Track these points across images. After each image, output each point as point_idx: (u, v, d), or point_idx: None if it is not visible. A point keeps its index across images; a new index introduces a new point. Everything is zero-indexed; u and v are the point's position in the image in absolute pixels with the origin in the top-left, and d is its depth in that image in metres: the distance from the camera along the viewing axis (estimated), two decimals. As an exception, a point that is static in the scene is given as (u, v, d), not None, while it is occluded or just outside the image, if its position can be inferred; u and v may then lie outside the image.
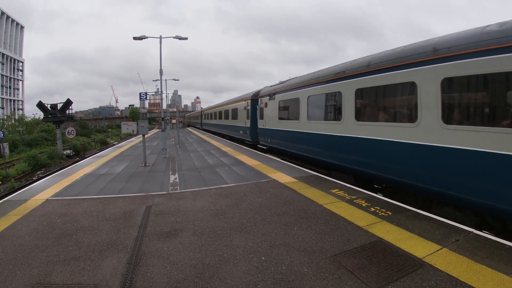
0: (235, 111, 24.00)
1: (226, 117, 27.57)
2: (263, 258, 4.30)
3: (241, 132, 22.14)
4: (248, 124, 20.11)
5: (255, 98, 19.05)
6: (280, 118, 14.33)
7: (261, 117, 17.24)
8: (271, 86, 16.68)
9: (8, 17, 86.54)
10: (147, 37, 19.32)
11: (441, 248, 4.39)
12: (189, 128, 59.84)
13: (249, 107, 19.80)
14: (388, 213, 5.91)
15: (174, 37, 20.11)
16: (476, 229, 5.06)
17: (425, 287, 3.50)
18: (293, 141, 12.87)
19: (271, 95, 15.59)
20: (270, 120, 15.72)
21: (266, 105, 16.36)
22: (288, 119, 13.45)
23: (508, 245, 4.43)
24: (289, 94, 13.30)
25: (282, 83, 15.14)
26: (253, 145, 19.20)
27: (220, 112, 31.39)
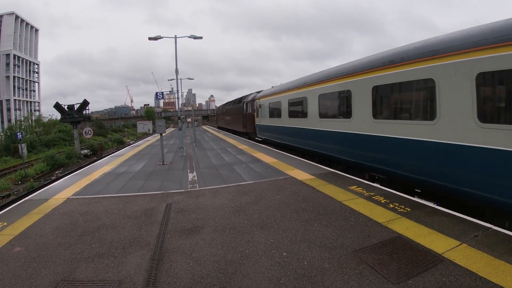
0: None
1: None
2: (284, 254, 4.36)
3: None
4: None
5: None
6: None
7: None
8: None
9: (22, 20, 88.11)
10: (162, 37, 19.53)
11: (460, 244, 4.37)
12: (204, 127, 60.13)
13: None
14: (407, 209, 5.90)
15: (189, 37, 20.28)
16: (494, 225, 5.02)
17: (445, 282, 3.51)
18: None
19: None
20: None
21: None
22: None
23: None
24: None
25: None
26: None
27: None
